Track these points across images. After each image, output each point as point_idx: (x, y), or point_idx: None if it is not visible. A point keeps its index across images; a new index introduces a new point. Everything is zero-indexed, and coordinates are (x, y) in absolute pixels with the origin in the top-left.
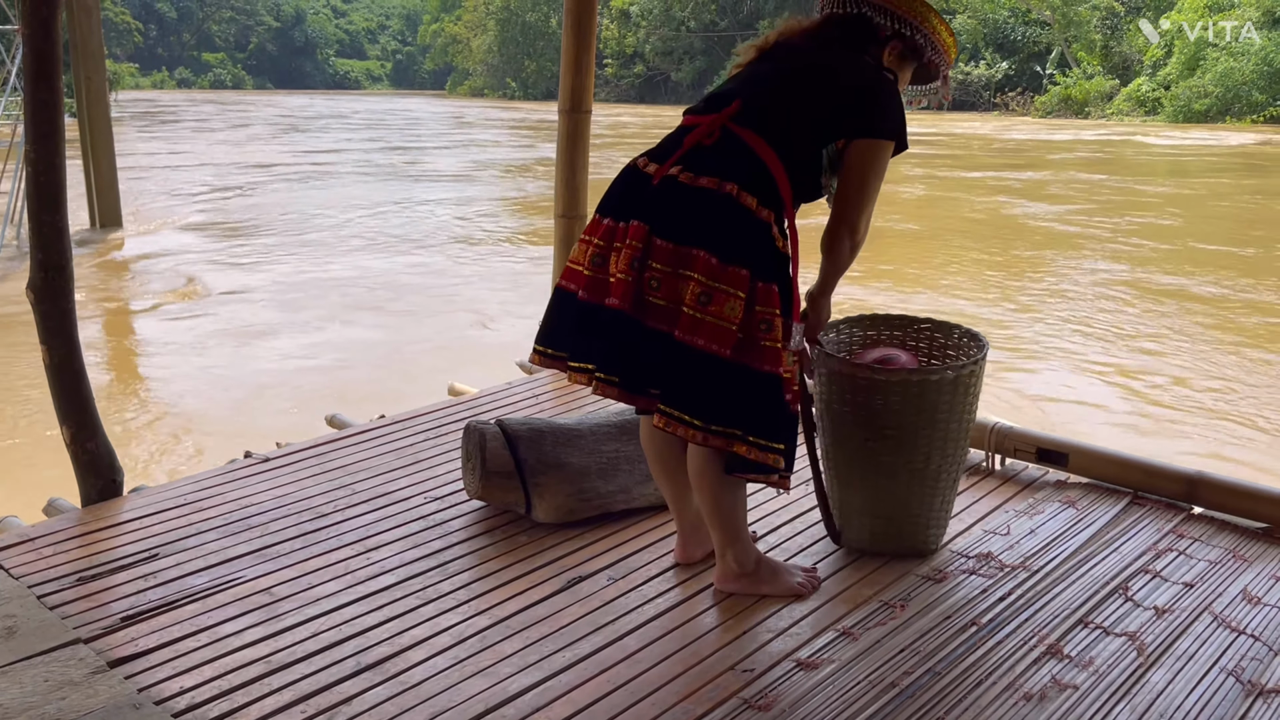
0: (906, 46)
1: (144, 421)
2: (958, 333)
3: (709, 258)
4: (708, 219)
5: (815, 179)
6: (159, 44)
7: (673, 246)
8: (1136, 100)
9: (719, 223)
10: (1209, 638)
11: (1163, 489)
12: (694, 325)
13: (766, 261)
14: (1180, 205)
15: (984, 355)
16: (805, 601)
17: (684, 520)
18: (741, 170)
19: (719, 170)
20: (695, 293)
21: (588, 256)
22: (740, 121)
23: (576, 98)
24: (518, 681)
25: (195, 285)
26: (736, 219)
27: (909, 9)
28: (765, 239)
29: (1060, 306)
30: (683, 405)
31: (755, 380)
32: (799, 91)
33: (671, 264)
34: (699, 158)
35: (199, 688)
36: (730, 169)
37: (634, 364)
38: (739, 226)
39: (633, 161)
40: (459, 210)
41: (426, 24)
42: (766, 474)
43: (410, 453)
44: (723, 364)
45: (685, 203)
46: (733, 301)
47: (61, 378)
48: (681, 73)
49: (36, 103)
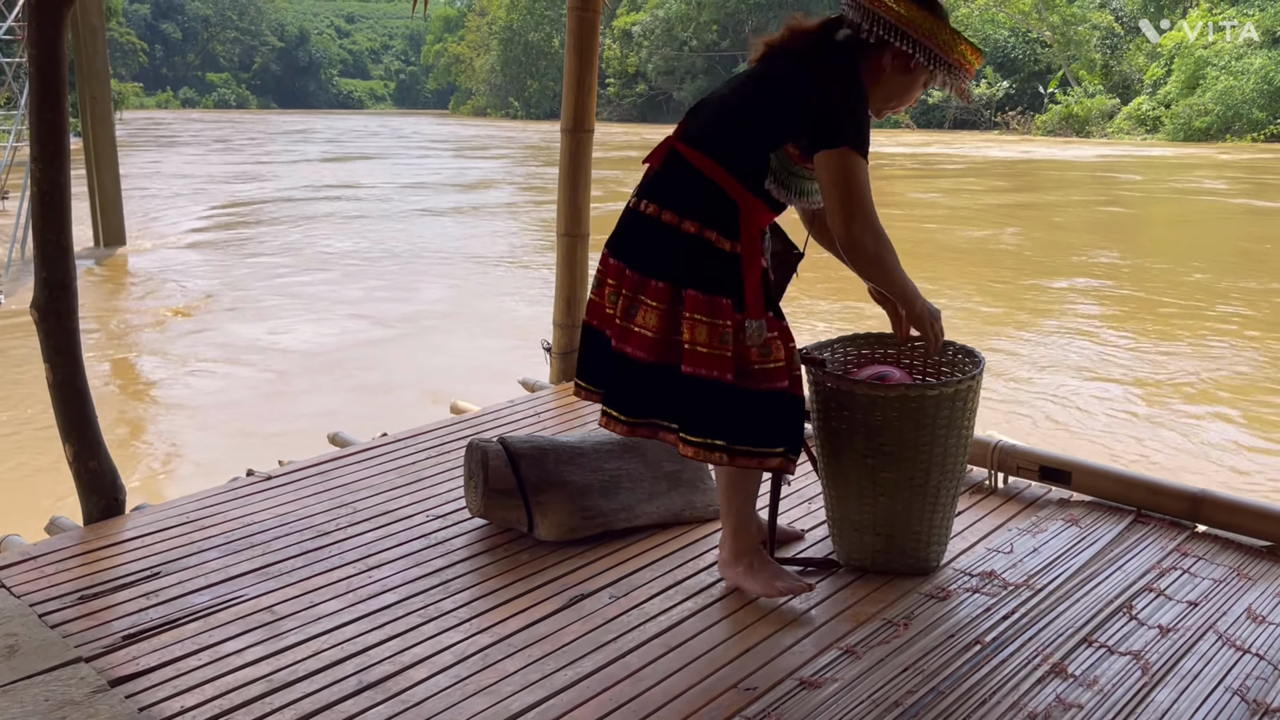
0: (898, 55)
1: (147, 439)
2: (952, 349)
3: (632, 274)
4: (644, 243)
5: (764, 184)
6: (164, 64)
7: (619, 265)
8: (1137, 119)
9: (653, 248)
10: (1214, 657)
11: (1166, 507)
12: (625, 335)
13: (699, 270)
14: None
15: (980, 370)
16: (808, 620)
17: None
18: (680, 193)
19: (661, 197)
20: (623, 306)
21: (598, 289)
22: (686, 141)
23: (579, 117)
24: (520, 700)
25: (198, 303)
26: (700, 254)
27: (908, 23)
28: (700, 250)
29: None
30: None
31: (761, 399)
32: (742, 102)
33: (617, 280)
34: (653, 184)
35: (200, 707)
36: (672, 193)
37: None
38: (703, 261)
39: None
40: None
41: (430, 44)
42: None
43: (412, 471)
44: (724, 389)
45: (645, 235)
46: (651, 312)
47: (65, 396)
48: (684, 92)
49: (42, 123)
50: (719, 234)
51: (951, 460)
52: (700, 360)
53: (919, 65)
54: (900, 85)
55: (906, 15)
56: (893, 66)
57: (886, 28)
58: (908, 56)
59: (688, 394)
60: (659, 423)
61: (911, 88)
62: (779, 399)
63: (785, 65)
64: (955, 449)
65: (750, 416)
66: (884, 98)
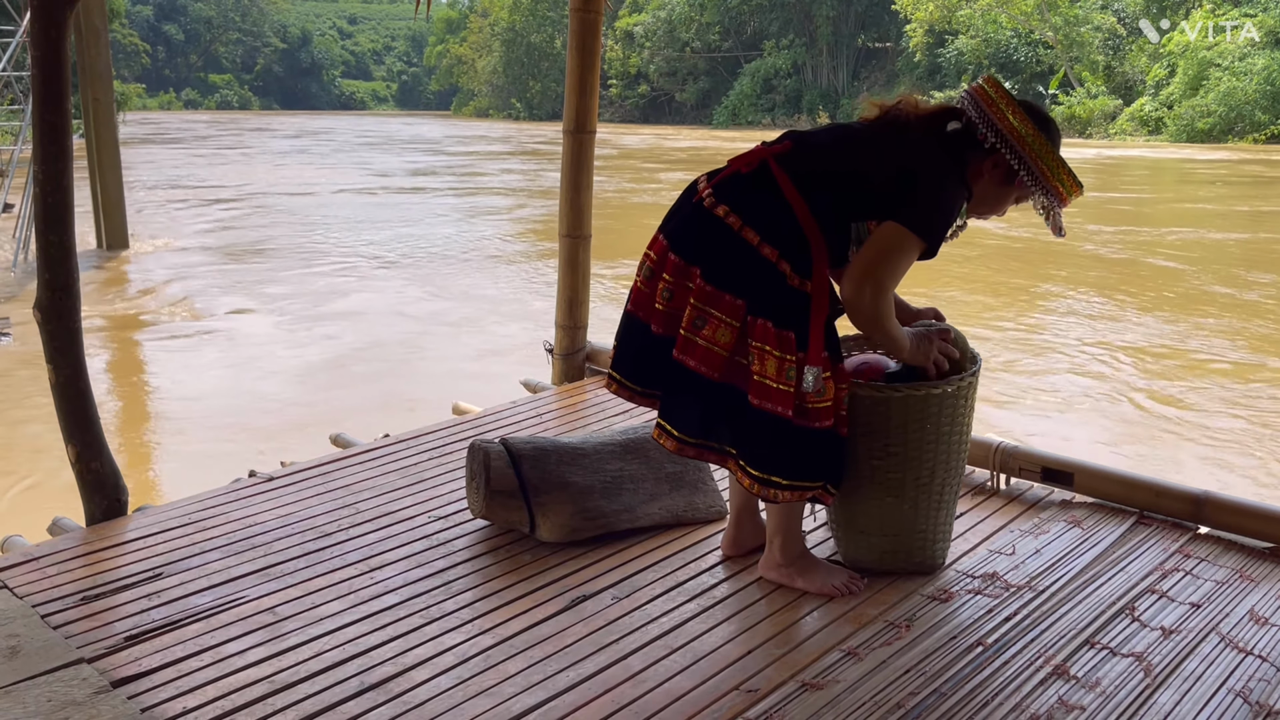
0: (1001, 165)
1: (149, 440)
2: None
3: (703, 284)
4: (720, 252)
5: (843, 246)
6: (166, 65)
7: (682, 264)
8: (1140, 120)
9: (731, 261)
10: (1216, 658)
11: (1169, 509)
12: (688, 347)
13: (772, 299)
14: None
15: (979, 366)
16: (810, 621)
17: (733, 507)
18: (765, 214)
19: (745, 209)
20: (690, 316)
21: (642, 272)
22: (781, 162)
23: (581, 118)
24: (521, 701)
25: (200, 305)
26: (775, 283)
27: (1019, 138)
28: (774, 278)
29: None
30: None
31: (809, 437)
32: (848, 157)
33: (677, 278)
34: (733, 186)
35: (202, 708)
36: (757, 210)
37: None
38: (777, 291)
39: (698, 178)
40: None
41: (432, 45)
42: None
43: (414, 472)
44: (780, 425)
45: (723, 245)
46: (724, 328)
47: (67, 397)
48: (685, 93)
49: (45, 124)
50: (792, 268)
51: (955, 458)
52: (768, 394)
53: (1021, 182)
54: (996, 195)
55: (1020, 130)
56: (992, 175)
57: (999, 136)
58: (1013, 171)
59: (754, 426)
60: (714, 445)
61: (1005, 199)
62: (828, 437)
63: (900, 140)
64: (957, 447)
65: (804, 453)
66: (981, 200)
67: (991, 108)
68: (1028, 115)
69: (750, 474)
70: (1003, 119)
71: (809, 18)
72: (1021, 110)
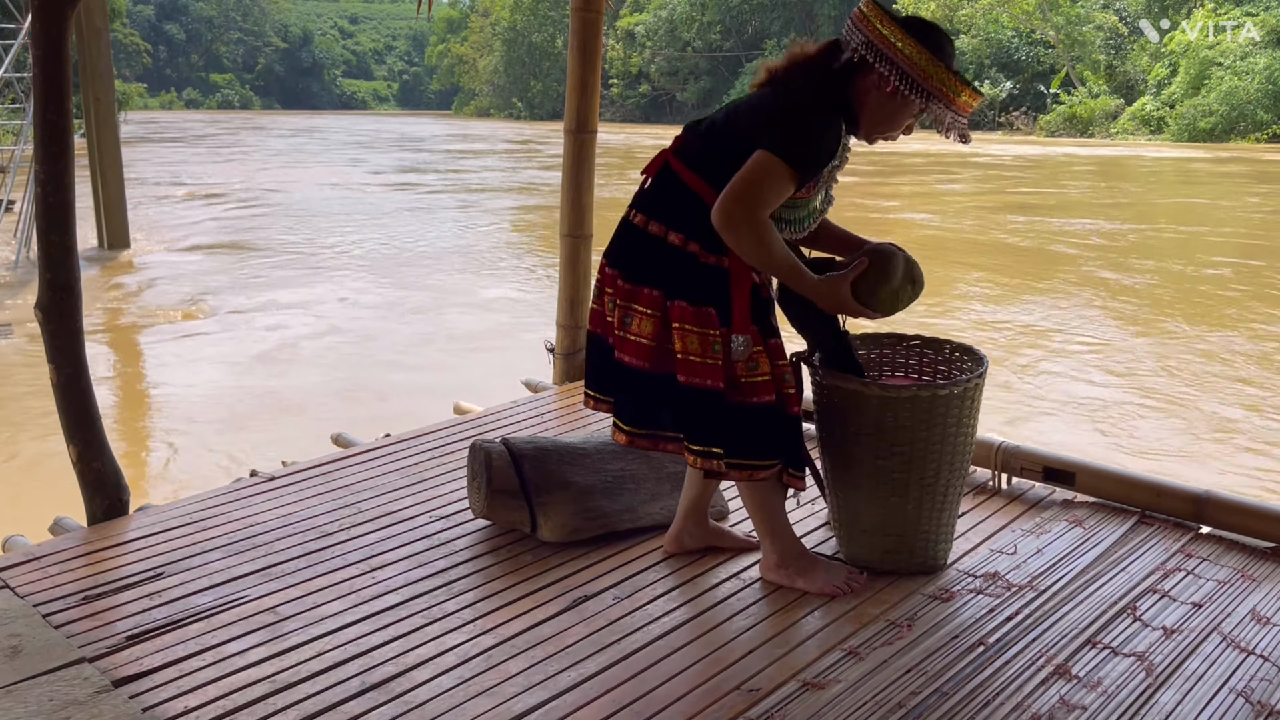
0: (882, 80)
1: (150, 440)
2: (949, 348)
3: (623, 284)
4: (633, 251)
5: None
6: (167, 65)
7: (613, 274)
8: (1141, 119)
9: (642, 256)
10: (1218, 658)
11: (1170, 508)
12: (623, 345)
13: (686, 280)
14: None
15: (985, 369)
16: (811, 621)
17: (682, 502)
18: (672, 206)
19: (654, 209)
20: (619, 316)
21: (594, 293)
22: (679, 156)
23: (582, 118)
24: (523, 701)
25: (202, 305)
26: (686, 266)
27: (889, 45)
28: (684, 260)
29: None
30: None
31: (747, 412)
32: (737, 128)
33: (613, 288)
34: (646, 194)
35: (203, 707)
36: (664, 206)
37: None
38: (689, 272)
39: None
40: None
41: (433, 45)
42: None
43: (415, 472)
44: (711, 398)
45: (634, 245)
46: (645, 320)
47: (69, 396)
48: (686, 93)
49: (46, 124)
50: (703, 247)
51: (959, 459)
52: (694, 369)
53: (897, 90)
54: (885, 111)
55: (889, 36)
56: (877, 89)
57: (870, 49)
58: (885, 79)
59: (688, 403)
60: (662, 433)
61: (896, 115)
62: (769, 413)
63: (783, 91)
64: (963, 447)
65: (743, 429)
66: (871, 122)
67: (864, 24)
68: (903, 25)
69: (691, 450)
70: (872, 29)
71: (810, 17)
72: (893, 21)
